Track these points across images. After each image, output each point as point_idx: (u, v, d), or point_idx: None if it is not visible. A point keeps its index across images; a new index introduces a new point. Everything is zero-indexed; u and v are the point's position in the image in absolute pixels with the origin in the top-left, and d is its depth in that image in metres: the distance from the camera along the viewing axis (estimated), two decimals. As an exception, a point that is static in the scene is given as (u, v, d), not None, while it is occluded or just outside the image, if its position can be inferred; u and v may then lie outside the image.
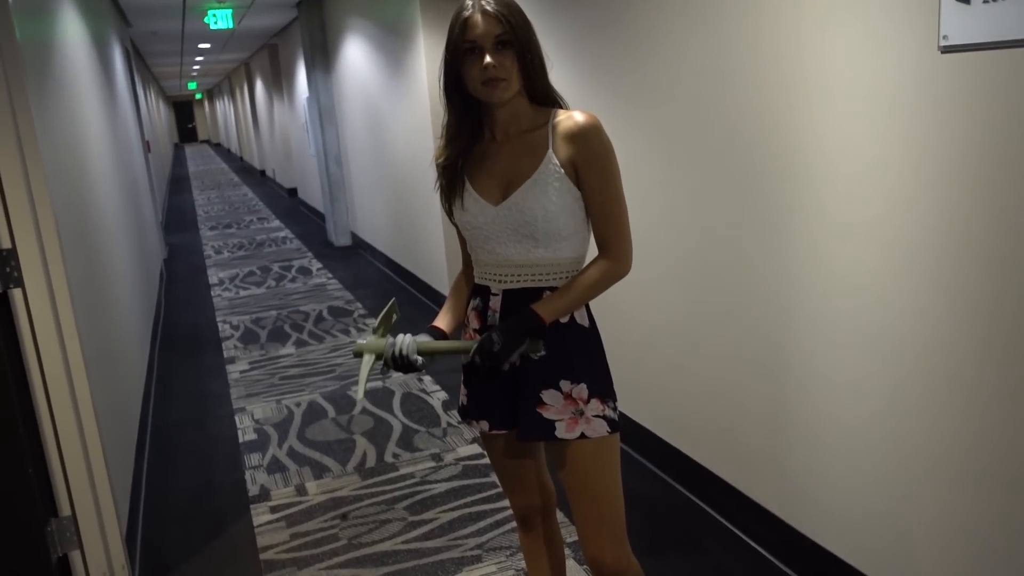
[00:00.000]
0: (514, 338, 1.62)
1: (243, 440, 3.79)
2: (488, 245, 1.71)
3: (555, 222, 1.64)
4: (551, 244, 1.67)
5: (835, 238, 2.11)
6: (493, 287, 1.73)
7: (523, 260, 1.69)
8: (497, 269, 1.72)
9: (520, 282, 1.70)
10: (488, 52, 1.57)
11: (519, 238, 1.67)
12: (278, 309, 6.22)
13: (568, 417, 1.69)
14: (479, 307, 1.77)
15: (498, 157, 1.69)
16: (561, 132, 1.64)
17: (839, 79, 2.01)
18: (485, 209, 1.68)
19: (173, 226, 11.29)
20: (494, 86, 1.59)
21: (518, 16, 1.59)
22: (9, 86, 2.20)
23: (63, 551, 2.41)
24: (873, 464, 2.11)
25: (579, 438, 1.70)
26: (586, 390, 1.70)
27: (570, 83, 3.36)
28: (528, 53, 1.60)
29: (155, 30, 9.90)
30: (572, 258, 1.71)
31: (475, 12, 1.57)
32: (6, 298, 2.25)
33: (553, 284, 1.70)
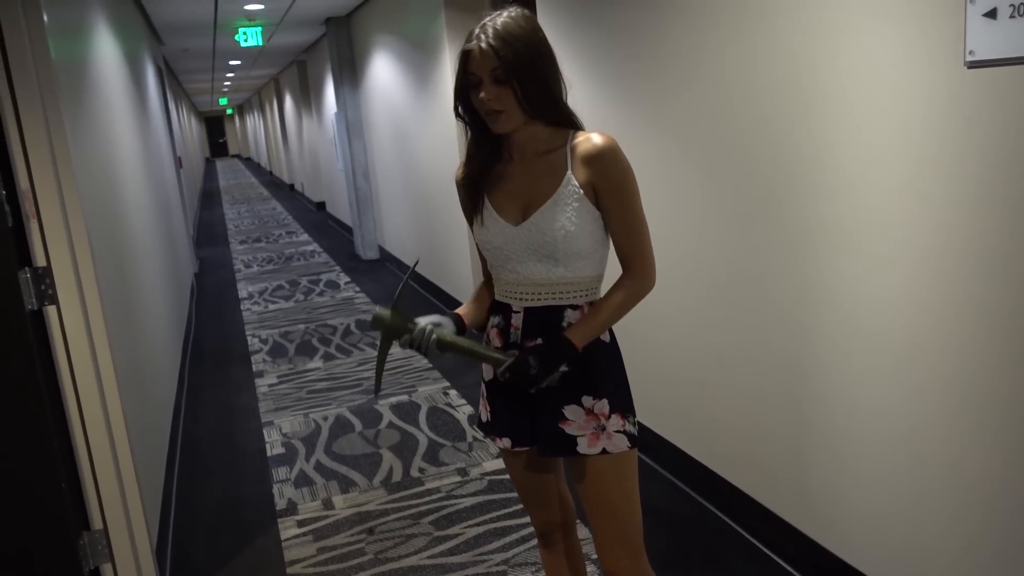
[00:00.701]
0: (551, 365, 1.65)
1: (271, 454, 3.83)
2: (509, 264, 1.73)
3: (574, 242, 1.66)
4: (571, 263, 1.69)
5: (858, 257, 2.09)
6: (514, 305, 1.75)
7: (543, 279, 1.71)
8: (518, 288, 1.74)
9: (541, 300, 1.72)
10: (485, 86, 1.61)
11: (539, 258, 1.69)
12: (306, 323, 6.28)
13: (590, 432, 1.71)
14: (501, 325, 1.78)
15: (517, 178, 1.72)
16: (580, 154, 1.66)
17: (862, 93, 2.00)
18: (505, 229, 1.71)
19: (204, 240, 11.44)
20: (494, 118, 1.63)
21: (518, 48, 1.59)
22: (44, 105, 2.26)
23: (95, 564, 2.45)
24: (896, 486, 2.08)
25: (600, 453, 1.72)
26: (607, 405, 1.72)
27: (591, 92, 3.37)
28: (528, 85, 1.60)
29: (187, 47, 10.08)
30: (592, 276, 1.74)
31: (476, 45, 1.60)
32: (41, 315, 2.29)
33: (574, 302, 1.72)
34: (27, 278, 2.23)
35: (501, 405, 1.82)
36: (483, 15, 1.65)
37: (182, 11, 7.08)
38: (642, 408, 3.36)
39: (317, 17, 8.26)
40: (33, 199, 2.25)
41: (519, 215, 1.70)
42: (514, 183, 1.72)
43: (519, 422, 1.79)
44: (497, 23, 1.61)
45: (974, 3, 1.66)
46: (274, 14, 7.68)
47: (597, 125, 3.31)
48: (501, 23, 1.61)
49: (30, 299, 2.24)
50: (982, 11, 1.65)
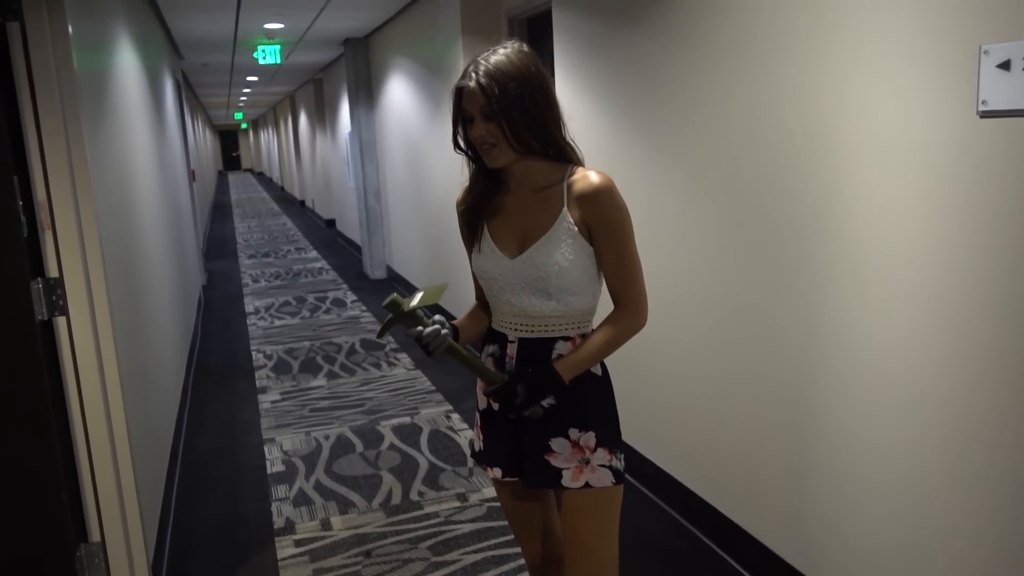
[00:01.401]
0: (537, 396, 1.69)
1: (271, 471, 3.82)
2: (504, 295, 1.76)
3: (567, 278, 1.69)
4: (563, 297, 1.71)
5: (866, 297, 2.09)
6: (510, 335, 1.78)
7: (536, 312, 1.73)
8: (513, 319, 1.77)
9: (535, 332, 1.75)
10: (476, 121, 1.64)
11: (533, 291, 1.72)
12: (311, 340, 6.28)
13: (575, 465, 1.73)
14: (496, 354, 1.81)
15: (515, 211, 1.75)
16: (576, 192, 1.69)
17: (874, 135, 2.01)
18: (501, 261, 1.74)
19: (213, 253, 11.49)
20: (487, 153, 1.66)
21: (508, 85, 1.61)
22: (65, 116, 2.28)
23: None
24: (900, 529, 2.07)
25: (583, 487, 1.73)
26: (594, 438, 1.73)
27: (604, 123, 3.40)
28: (516, 122, 1.62)
29: (206, 62, 10.18)
30: (584, 310, 1.76)
31: (467, 82, 1.64)
32: (51, 325, 2.31)
33: (566, 333, 1.74)
34: (39, 288, 2.25)
35: (493, 434, 1.84)
36: (480, 51, 1.68)
37: (203, 27, 7.17)
38: (642, 439, 3.37)
39: (336, 37, 8.34)
40: (49, 210, 2.27)
41: (516, 248, 1.73)
42: (512, 216, 1.75)
43: (509, 452, 1.81)
44: (490, 60, 1.64)
45: (988, 54, 1.68)
46: (293, 33, 7.77)
47: (610, 156, 3.35)
48: (494, 61, 1.64)
49: (41, 309, 2.25)
50: (996, 62, 1.66)
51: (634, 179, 3.22)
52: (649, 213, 3.12)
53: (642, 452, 3.39)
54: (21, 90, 2.21)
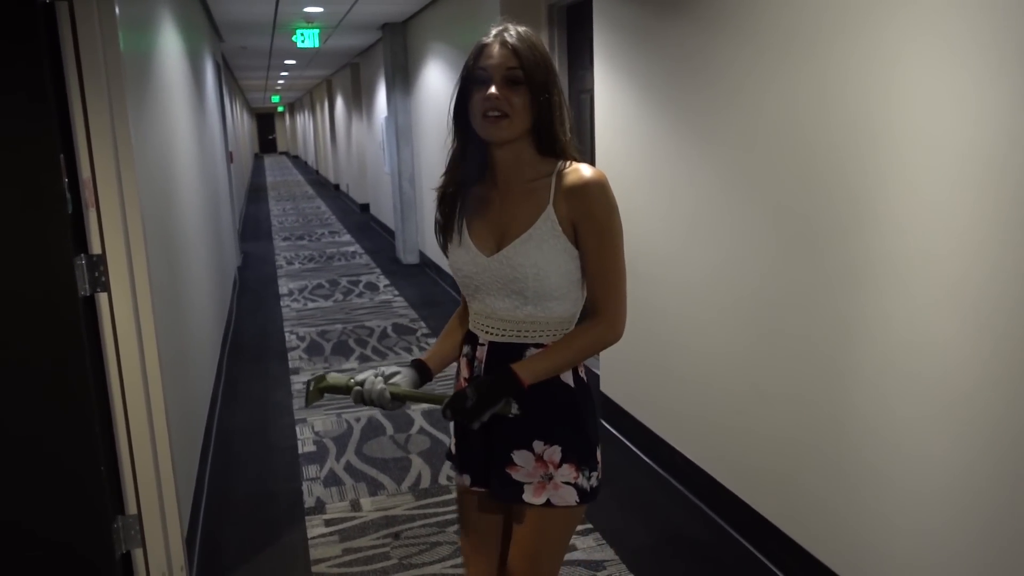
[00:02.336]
0: (489, 397, 1.52)
1: (302, 451, 3.86)
2: (478, 295, 1.64)
3: (546, 281, 1.56)
4: (541, 302, 1.59)
5: (905, 299, 2.06)
6: (481, 337, 1.66)
7: (510, 316, 1.61)
8: (485, 320, 1.65)
9: (506, 336, 1.62)
10: (496, 83, 1.50)
11: (508, 293, 1.59)
12: (344, 323, 6.33)
13: (536, 481, 1.61)
14: (469, 355, 1.70)
15: (497, 204, 1.61)
16: (565, 186, 1.55)
17: (920, 131, 1.97)
18: (477, 258, 1.61)
19: (249, 234, 11.61)
20: (493, 122, 1.51)
21: (539, 56, 1.53)
22: (110, 96, 2.31)
23: (127, 548, 2.49)
24: (944, 539, 2.04)
25: (544, 505, 1.61)
26: (559, 453, 1.60)
27: (645, 112, 3.37)
28: (542, 95, 1.52)
29: (245, 45, 10.26)
30: (562, 317, 1.62)
31: (494, 41, 1.53)
32: (93, 301, 2.35)
33: (540, 341, 1.61)
34: (82, 264, 2.29)
35: (464, 440, 1.72)
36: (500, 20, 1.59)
37: (244, 10, 7.21)
38: (673, 431, 3.36)
39: (374, 22, 8.36)
40: (93, 188, 2.31)
41: (493, 245, 1.60)
42: (493, 210, 1.61)
43: (478, 461, 1.69)
44: (520, 28, 1.55)
45: (1045, 47, 1.63)
46: (332, 17, 7.79)
47: (648, 145, 3.32)
48: (525, 30, 1.56)
49: (84, 285, 2.29)
50: (1053, 56, 1.62)
51: (672, 170, 3.19)
52: (693, 209, 3.10)
53: (673, 444, 3.38)
54: (68, 70, 2.24)
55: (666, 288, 3.33)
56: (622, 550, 2.87)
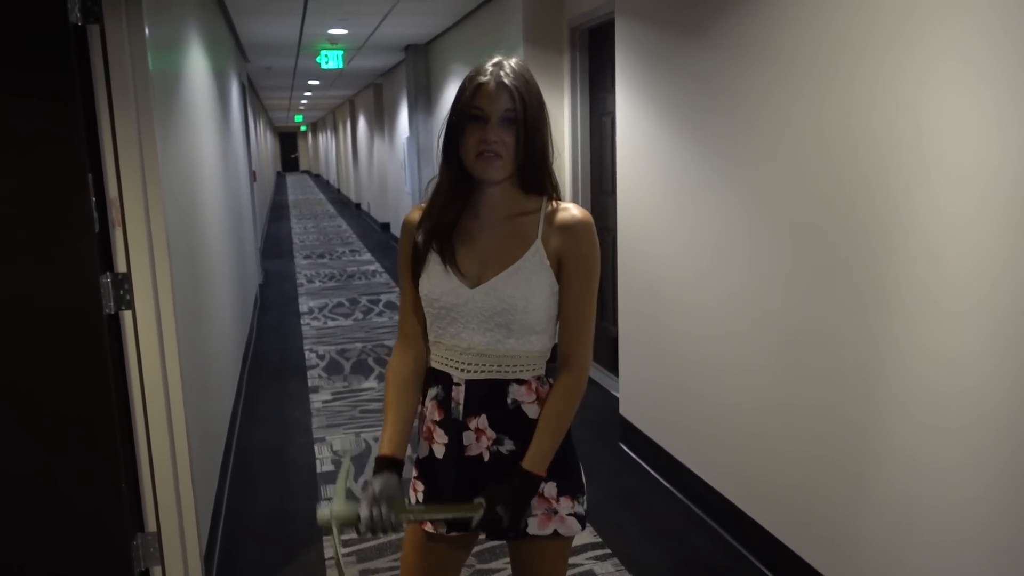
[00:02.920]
0: (520, 508, 1.54)
1: (321, 470, 3.86)
2: (453, 328, 1.60)
3: (534, 314, 1.56)
4: (524, 336, 1.58)
5: (934, 321, 2.04)
6: (455, 376, 1.62)
7: (490, 350, 1.59)
8: (461, 355, 1.61)
9: (484, 373, 1.60)
10: (492, 125, 1.50)
11: (492, 326, 1.57)
12: (363, 342, 6.35)
13: (541, 513, 1.62)
14: (440, 397, 1.65)
15: (481, 237, 1.60)
16: (556, 222, 1.57)
17: (950, 156, 1.96)
18: (458, 289, 1.58)
19: (270, 252, 11.70)
20: (489, 161, 1.51)
21: (533, 95, 1.53)
22: (139, 115, 2.34)
23: (145, 566, 2.50)
24: (962, 557, 2.00)
25: (552, 536, 1.63)
26: (555, 488, 1.62)
27: (668, 134, 3.37)
28: (532, 136, 1.53)
29: (270, 66, 10.40)
30: (540, 352, 1.62)
31: (490, 80, 1.51)
32: (117, 319, 2.37)
33: (520, 376, 1.60)
34: (108, 283, 2.31)
35: (437, 485, 1.67)
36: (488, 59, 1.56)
37: (269, 31, 7.32)
38: (692, 455, 3.33)
39: (397, 43, 8.45)
40: (120, 207, 2.33)
41: (477, 277, 1.58)
42: (477, 243, 1.59)
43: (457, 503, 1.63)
44: (513, 64, 1.54)
45: (1073, 74, 1.62)
46: (356, 39, 7.89)
47: (670, 168, 3.32)
48: (517, 66, 1.54)
49: (109, 303, 2.32)
50: (1081, 83, 1.61)
51: (695, 193, 3.19)
52: (713, 231, 3.09)
53: (692, 469, 3.35)
54: (98, 90, 2.27)
55: (687, 311, 3.31)
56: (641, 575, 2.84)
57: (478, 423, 1.62)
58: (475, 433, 1.62)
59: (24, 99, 2.16)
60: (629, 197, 3.81)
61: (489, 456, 1.62)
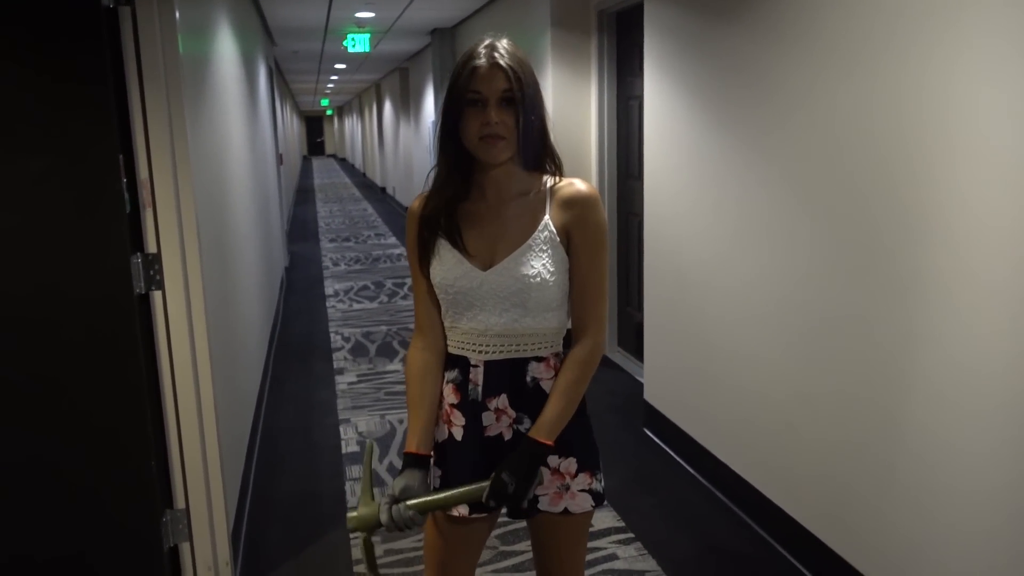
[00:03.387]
0: (527, 476, 1.53)
1: (346, 451, 3.90)
2: (470, 312, 1.60)
3: (547, 290, 1.57)
4: (540, 313, 1.59)
5: (963, 301, 2.01)
6: (473, 358, 1.62)
7: (507, 330, 1.59)
8: (479, 338, 1.61)
9: (503, 352, 1.60)
10: (491, 107, 1.50)
11: (508, 306, 1.58)
12: (388, 324, 6.39)
13: (553, 492, 1.63)
14: (458, 380, 1.65)
15: (489, 219, 1.60)
16: (560, 197, 1.58)
17: (991, 139, 1.92)
18: (471, 273, 1.58)
19: (296, 236, 11.78)
20: (492, 143, 1.51)
21: (527, 73, 1.53)
22: (169, 99, 2.36)
23: (174, 542, 2.54)
24: (993, 544, 1.98)
25: (562, 513, 1.64)
26: (575, 464, 1.63)
27: (698, 120, 3.34)
28: (530, 114, 1.53)
29: (297, 50, 10.43)
30: (557, 328, 1.63)
31: (485, 62, 1.50)
32: (147, 299, 2.40)
33: (538, 354, 1.61)
34: (138, 263, 2.34)
35: (457, 467, 1.65)
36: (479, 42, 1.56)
37: (297, 15, 7.34)
38: (719, 443, 3.31)
39: (424, 27, 8.43)
40: (150, 188, 2.36)
41: (489, 259, 1.58)
42: (485, 225, 1.60)
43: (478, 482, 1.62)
44: (505, 44, 1.54)
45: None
46: (383, 22, 7.88)
47: (700, 155, 3.30)
48: (509, 46, 1.54)
49: (139, 283, 2.34)
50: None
51: (726, 179, 3.16)
52: (741, 216, 3.07)
53: (717, 455, 3.34)
54: (129, 72, 2.29)
55: (713, 296, 3.29)
56: (664, 561, 2.84)
57: (498, 403, 1.62)
58: (495, 413, 1.63)
59: (56, 81, 2.18)
60: (656, 182, 3.79)
61: (511, 435, 1.63)
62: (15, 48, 2.16)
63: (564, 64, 5.09)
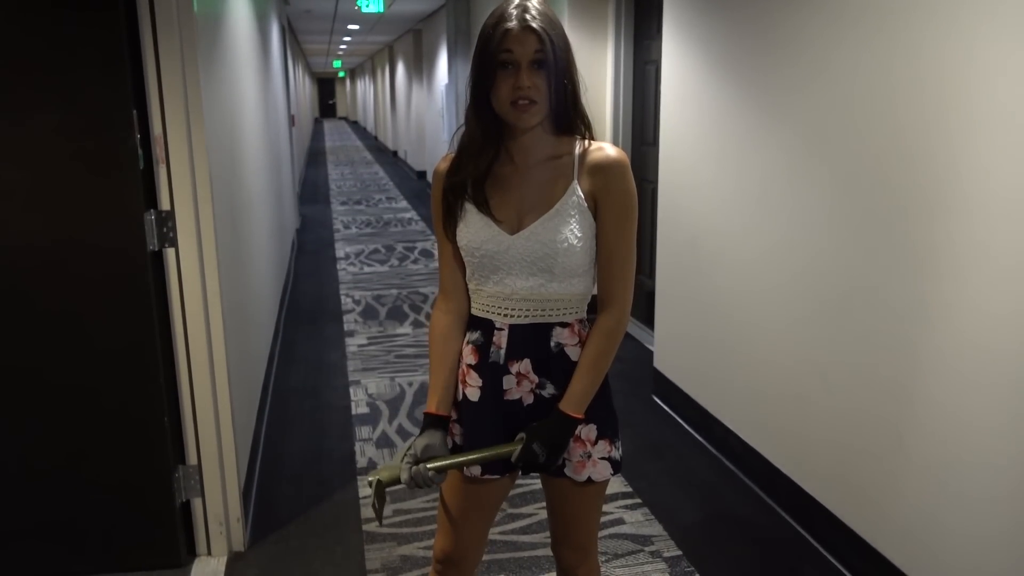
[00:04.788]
0: (557, 448, 1.58)
1: (355, 412, 3.93)
2: (496, 275, 1.60)
3: (574, 256, 1.56)
4: (567, 279, 1.58)
5: (984, 276, 1.99)
6: (497, 321, 1.62)
7: (534, 294, 1.59)
8: (504, 302, 1.61)
9: (529, 317, 1.60)
10: (523, 70, 1.47)
11: (534, 271, 1.57)
12: (399, 288, 6.39)
13: (576, 460, 1.64)
14: (479, 342, 1.64)
15: (517, 182, 1.58)
16: (590, 162, 1.56)
17: (1016, 117, 1.89)
18: (499, 237, 1.57)
19: (307, 198, 11.76)
20: (524, 109, 1.49)
21: (559, 35, 1.50)
22: (183, 57, 2.35)
23: (187, 497, 2.57)
24: (1002, 515, 1.99)
25: (586, 482, 1.65)
26: (595, 431, 1.64)
27: (718, 85, 3.30)
28: (563, 76, 1.51)
29: (310, 9, 10.33)
30: (583, 294, 1.62)
31: (517, 24, 1.47)
32: (160, 256, 2.40)
33: (563, 319, 1.61)
34: (151, 220, 2.34)
35: (476, 428, 1.65)
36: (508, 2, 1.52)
37: (310, -27, 7.25)
38: (729, 412, 3.32)
39: (438, -12, 8.34)
40: (164, 145, 2.35)
41: (516, 223, 1.57)
42: (513, 188, 1.58)
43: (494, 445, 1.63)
44: (536, 3, 1.50)
45: None
46: (397, -18, 7.78)
47: (720, 120, 3.26)
48: (541, 3, 1.50)
49: (152, 240, 2.35)
50: None
51: (742, 145, 3.13)
52: (758, 184, 3.04)
53: (726, 423, 3.35)
54: (143, 30, 2.28)
55: (728, 265, 3.28)
56: (670, 526, 2.86)
57: (520, 367, 1.62)
58: (516, 377, 1.62)
59: (71, 37, 2.17)
60: (672, 148, 3.75)
61: (532, 399, 1.63)
62: (29, 5, 2.14)
63: (580, 27, 5.02)
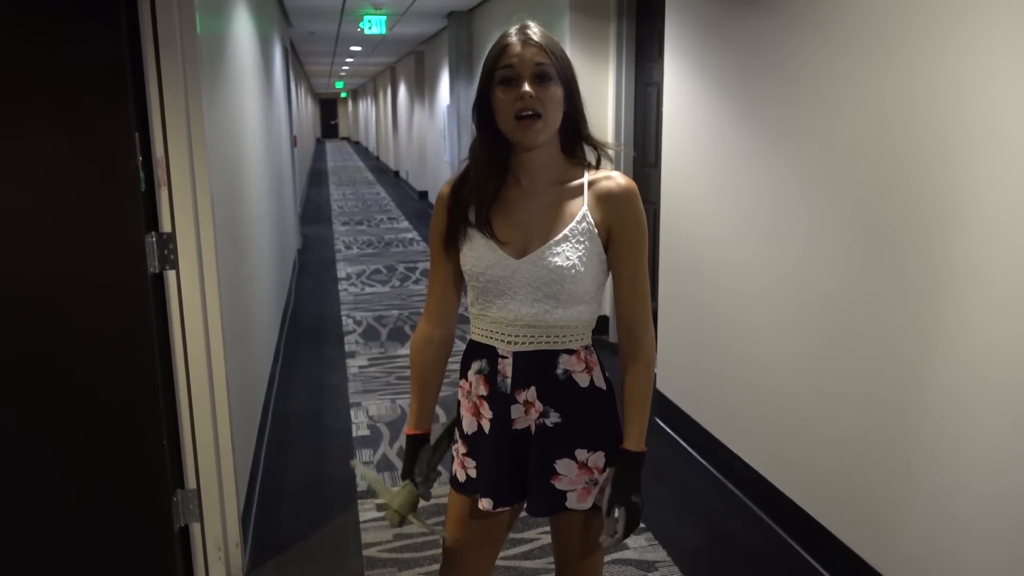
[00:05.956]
0: (639, 486, 1.60)
1: (356, 435, 3.90)
2: (500, 300, 1.57)
3: (582, 283, 1.53)
4: (572, 306, 1.55)
5: (990, 303, 1.97)
6: (501, 348, 1.59)
7: (539, 321, 1.56)
8: (508, 328, 1.58)
9: (533, 344, 1.57)
10: (525, 81, 1.46)
11: (540, 296, 1.54)
12: (400, 309, 6.38)
13: (581, 487, 1.61)
14: (486, 371, 1.61)
15: (524, 206, 1.56)
16: (600, 190, 1.55)
17: (1012, 137, 1.88)
18: (504, 261, 1.54)
19: (309, 218, 11.77)
20: (529, 124, 1.46)
21: (562, 55, 1.50)
22: (186, 78, 2.35)
23: (185, 522, 2.54)
24: (1010, 546, 1.96)
25: (592, 508, 1.63)
26: (603, 458, 1.61)
27: (717, 105, 3.30)
28: (568, 92, 1.50)
29: (313, 31, 10.39)
30: (588, 321, 1.60)
31: (517, 39, 1.48)
32: (161, 278, 2.39)
33: (568, 346, 1.58)
34: (152, 242, 2.33)
35: (486, 461, 1.64)
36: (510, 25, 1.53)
37: (313, -5, 7.29)
38: (731, 435, 3.29)
39: (440, 10, 8.38)
40: (166, 167, 2.34)
41: (523, 247, 1.54)
42: (520, 212, 1.56)
43: (507, 479, 1.62)
44: (536, 25, 1.51)
45: None
46: (399, 4, 7.83)
47: (718, 140, 3.26)
48: (540, 28, 1.51)
49: (153, 262, 2.33)
50: None
51: (745, 169, 3.13)
52: (760, 207, 3.03)
53: (730, 447, 3.32)
54: (146, 51, 2.28)
55: (731, 288, 3.26)
56: (674, 552, 2.82)
57: (527, 395, 1.59)
58: (523, 406, 1.60)
59: (73, 59, 2.16)
60: (674, 170, 3.75)
61: (535, 429, 1.60)
62: (32, 25, 2.14)
63: (582, 49, 5.04)
